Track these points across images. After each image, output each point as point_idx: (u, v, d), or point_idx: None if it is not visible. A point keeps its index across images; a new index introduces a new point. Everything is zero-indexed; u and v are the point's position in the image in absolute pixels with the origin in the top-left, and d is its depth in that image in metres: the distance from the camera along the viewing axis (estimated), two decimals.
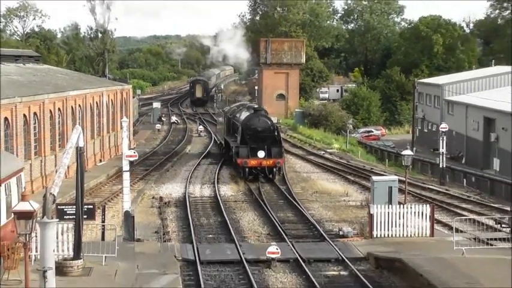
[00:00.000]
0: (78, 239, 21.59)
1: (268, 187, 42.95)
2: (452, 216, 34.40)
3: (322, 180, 46.72)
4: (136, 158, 33.56)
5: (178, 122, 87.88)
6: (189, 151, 62.26)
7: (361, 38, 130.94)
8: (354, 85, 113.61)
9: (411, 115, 78.28)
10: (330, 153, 61.02)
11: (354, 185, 44.68)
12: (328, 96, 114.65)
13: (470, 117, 66.49)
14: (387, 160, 63.27)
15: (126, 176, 28.46)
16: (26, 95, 40.10)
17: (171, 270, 22.76)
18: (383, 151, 69.96)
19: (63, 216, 22.13)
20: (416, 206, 28.74)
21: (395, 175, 41.47)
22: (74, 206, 21.86)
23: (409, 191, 36.74)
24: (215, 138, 67.95)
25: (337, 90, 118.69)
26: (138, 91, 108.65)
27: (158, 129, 79.80)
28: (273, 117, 48.50)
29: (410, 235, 27.82)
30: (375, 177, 33.95)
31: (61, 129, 45.84)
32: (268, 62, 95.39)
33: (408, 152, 35.25)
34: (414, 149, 62.15)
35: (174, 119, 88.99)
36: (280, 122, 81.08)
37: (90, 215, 23.22)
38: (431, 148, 70.79)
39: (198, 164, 52.80)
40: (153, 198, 39.49)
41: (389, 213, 27.88)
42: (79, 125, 39.80)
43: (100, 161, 53.46)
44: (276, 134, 45.43)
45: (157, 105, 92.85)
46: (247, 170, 44.03)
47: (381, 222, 27.86)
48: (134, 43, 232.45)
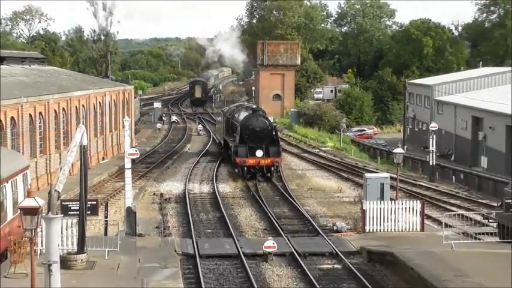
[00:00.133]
0: (82, 234, 21.61)
1: (264, 184, 42.85)
2: (441, 211, 34.44)
3: (316, 177, 46.69)
4: (138, 156, 33.54)
5: (178, 121, 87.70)
6: (189, 149, 62.20)
7: (354, 41, 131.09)
8: (347, 86, 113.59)
9: (402, 115, 78.45)
10: (324, 152, 61.03)
11: (347, 181, 44.66)
12: (322, 96, 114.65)
13: (459, 116, 66.53)
14: (379, 158, 63.26)
15: (128, 174, 28.47)
16: (31, 96, 40.09)
17: (172, 264, 22.77)
18: (375, 149, 69.96)
19: (68, 212, 22.10)
20: (407, 202, 28.79)
21: (387, 172, 41.48)
22: (78, 202, 21.86)
23: (400, 187, 36.79)
24: (214, 137, 67.89)
25: (331, 91, 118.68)
26: (140, 91, 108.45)
27: (159, 128, 79.68)
28: (269, 117, 48.30)
29: (402, 230, 27.84)
30: (367, 174, 33.87)
31: (65, 128, 45.81)
32: (264, 64, 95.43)
33: (399, 150, 35.30)
34: (405, 147, 62.15)
35: (174, 118, 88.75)
36: (276, 121, 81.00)
37: (94, 211, 23.20)
38: (421, 146, 70.77)
39: (198, 162, 52.74)
40: (154, 194, 39.43)
41: (381, 209, 27.91)
42: (83, 124, 39.82)
43: (103, 158, 53.41)
44: (274, 133, 44.96)
45: (158, 105, 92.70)
46: (245, 169, 43.46)
47: (373, 217, 27.89)
48: (136, 45, 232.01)
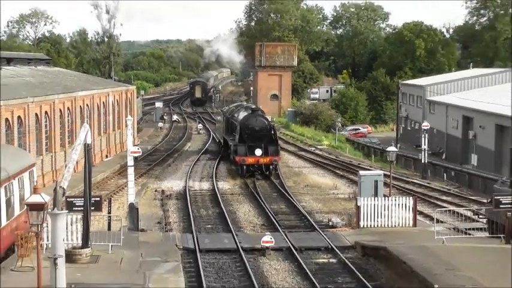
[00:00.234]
0: (86, 229, 21.64)
1: (262, 181, 42.81)
2: (433, 207, 34.51)
3: (313, 174, 46.71)
4: (140, 154, 33.53)
5: (179, 120, 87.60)
6: (189, 148, 62.18)
7: (349, 42, 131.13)
8: (343, 86, 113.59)
9: (395, 114, 78.54)
10: (320, 150, 61.07)
11: (342, 179, 44.69)
12: (318, 96, 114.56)
13: (450, 116, 66.62)
14: (373, 156, 63.34)
15: (131, 171, 28.53)
16: (37, 95, 40.09)
17: (173, 258, 22.80)
18: (369, 147, 70.00)
19: (72, 208, 22.13)
20: (400, 198, 28.83)
21: (380, 170, 41.64)
22: (82, 199, 21.87)
23: (393, 184, 36.81)
24: (213, 136, 67.88)
25: (327, 91, 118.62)
26: (142, 92, 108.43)
27: (160, 127, 79.60)
28: (267, 116, 48.27)
29: (395, 225, 27.87)
30: (361, 172, 34.07)
31: (70, 127, 45.85)
32: (262, 65, 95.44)
33: (393, 149, 35.32)
34: (398, 145, 62.23)
35: (175, 117, 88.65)
36: (274, 120, 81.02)
37: (97, 207, 23.20)
38: (414, 145, 70.84)
39: (198, 160, 52.75)
40: (155, 191, 39.42)
41: (375, 205, 27.93)
42: (87, 123, 39.86)
43: (106, 156, 53.41)
44: (273, 133, 44.70)
45: (159, 104, 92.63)
46: (245, 167, 43.20)
47: (367, 213, 27.92)
48: (138, 47, 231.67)
